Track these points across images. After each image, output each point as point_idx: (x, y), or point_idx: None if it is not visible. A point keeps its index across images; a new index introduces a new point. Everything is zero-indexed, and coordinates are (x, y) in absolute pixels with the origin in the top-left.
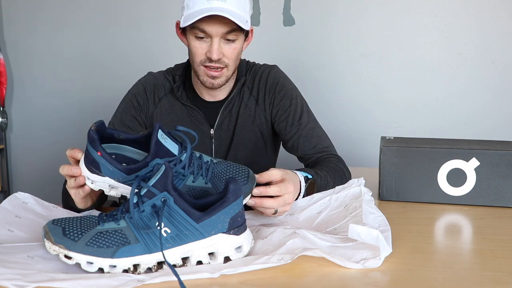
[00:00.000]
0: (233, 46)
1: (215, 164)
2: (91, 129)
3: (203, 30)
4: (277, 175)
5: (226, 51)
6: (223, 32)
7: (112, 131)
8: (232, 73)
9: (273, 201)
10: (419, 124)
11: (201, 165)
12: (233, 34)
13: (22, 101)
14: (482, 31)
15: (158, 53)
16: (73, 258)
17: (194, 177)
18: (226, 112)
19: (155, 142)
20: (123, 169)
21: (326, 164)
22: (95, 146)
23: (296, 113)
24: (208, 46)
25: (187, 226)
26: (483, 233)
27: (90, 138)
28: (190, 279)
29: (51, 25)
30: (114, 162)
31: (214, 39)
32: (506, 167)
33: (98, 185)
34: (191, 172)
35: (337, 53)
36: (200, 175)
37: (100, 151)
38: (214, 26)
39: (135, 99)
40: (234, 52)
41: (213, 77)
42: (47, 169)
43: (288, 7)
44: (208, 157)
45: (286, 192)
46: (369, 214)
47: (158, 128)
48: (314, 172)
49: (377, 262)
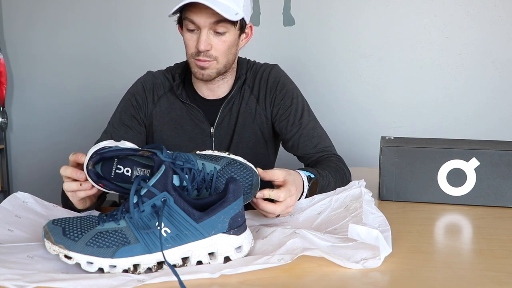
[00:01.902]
0: (223, 39)
1: (219, 171)
2: (89, 168)
3: (192, 20)
4: (279, 176)
5: (215, 43)
6: (210, 22)
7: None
8: (224, 67)
9: (275, 207)
10: (419, 124)
11: (205, 178)
12: (221, 26)
13: (22, 101)
14: (482, 31)
15: (158, 52)
16: (73, 258)
17: (199, 192)
18: (226, 110)
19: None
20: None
21: (327, 164)
22: (96, 182)
23: (297, 113)
24: (197, 38)
25: (187, 226)
26: (483, 233)
27: (89, 176)
28: (190, 279)
29: (51, 25)
30: (119, 189)
31: (202, 31)
32: (506, 167)
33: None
34: (196, 189)
35: (337, 53)
36: (204, 188)
37: (102, 184)
38: (202, 15)
39: (134, 98)
40: (224, 45)
41: (202, 68)
42: (47, 169)
43: (288, 7)
44: (211, 165)
45: (289, 195)
46: (369, 214)
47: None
48: (316, 171)
49: (377, 262)
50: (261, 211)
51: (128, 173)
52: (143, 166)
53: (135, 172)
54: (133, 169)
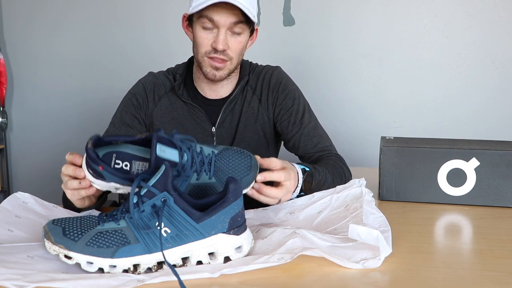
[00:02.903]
0: (239, 39)
1: (217, 155)
2: (88, 147)
3: (212, 19)
4: (277, 163)
5: (231, 44)
6: (231, 22)
7: (110, 139)
8: (235, 67)
9: (277, 191)
10: (419, 124)
11: (203, 161)
12: (239, 27)
13: (22, 101)
14: (482, 31)
15: (159, 53)
16: (73, 258)
17: (198, 175)
18: (228, 110)
19: (155, 158)
20: (127, 178)
21: (326, 162)
22: (96, 163)
23: (298, 113)
24: (214, 37)
25: (187, 226)
26: (483, 233)
27: (89, 156)
28: (190, 279)
29: (51, 25)
30: (118, 173)
31: (221, 29)
32: (506, 167)
33: (103, 187)
34: (194, 171)
35: (337, 53)
36: (204, 171)
37: (101, 166)
38: (223, 15)
39: (134, 98)
40: (239, 45)
41: (217, 68)
42: (47, 169)
43: (288, 7)
44: (209, 148)
45: (289, 178)
46: (369, 215)
47: (156, 142)
48: (312, 166)
49: (377, 262)
50: (263, 197)
51: (127, 168)
52: (142, 159)
53: (134, 165)
54: (131, 163)
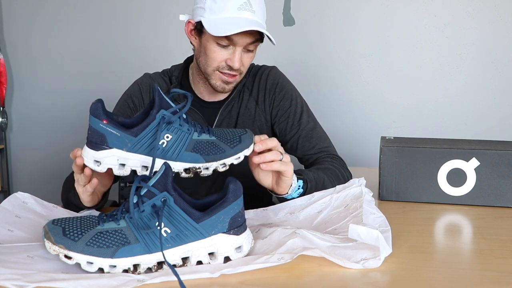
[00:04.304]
0: (251, 55)
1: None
2: (93, 102)
3: (230, 38)
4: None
5: (244, 60)
6: (247, 42)
7: (110, 113)
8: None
9: (272, 153)
10: (419, 124)
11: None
12: (254, 45)
13: (22, 101)
14: (482, 31)
15: (158, 54)
16: (73, 258)
17: (199, 133)
18: (225, 113)
19: (158, 94)
20: (130, 132)
21: (321, 164)
22: (99, 116)
23: (296, 114)
24: (229, 54)
25: (187, 226)
26: (483, 233)
27: (92, 109)
28: (190, 279)
29: (51, 25)
30: (121, 126)
31: (237, 49)
32: (506, 167)
33: (106, 162)
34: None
35: (337, 53)
36: (203, 132)
37: (105, 119)
38: (243, 37)
39: (130, 100)
40: (250, 60)
41: (227, 83)
42: (47, 169)
43: (288, 7)
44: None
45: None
46: (369, 215)
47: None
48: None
49: (377, 262)
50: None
51: None
52: None
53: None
54: None
